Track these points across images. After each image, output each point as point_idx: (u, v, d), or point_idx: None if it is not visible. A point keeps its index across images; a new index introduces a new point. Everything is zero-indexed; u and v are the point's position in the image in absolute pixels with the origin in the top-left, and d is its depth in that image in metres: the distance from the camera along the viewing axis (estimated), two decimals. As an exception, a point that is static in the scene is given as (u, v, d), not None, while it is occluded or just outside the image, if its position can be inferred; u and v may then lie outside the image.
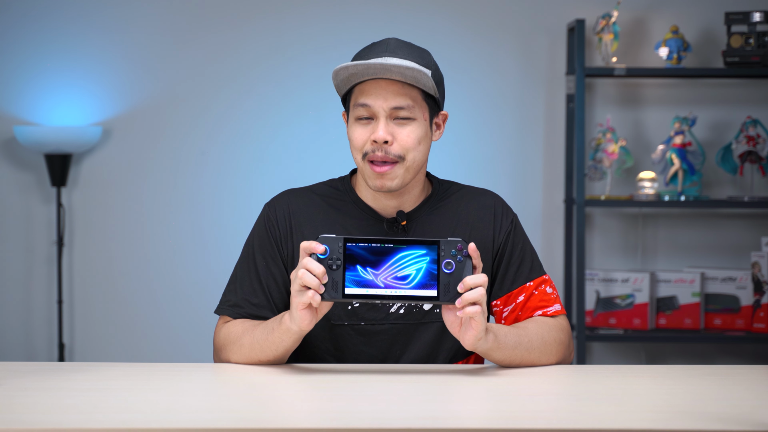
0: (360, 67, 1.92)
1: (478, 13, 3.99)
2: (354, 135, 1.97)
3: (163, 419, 1.51)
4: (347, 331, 2.01)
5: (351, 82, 1.96)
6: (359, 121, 1.96)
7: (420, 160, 1.97)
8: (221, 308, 2.02)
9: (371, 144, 1.94)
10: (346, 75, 1.94)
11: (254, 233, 2.05)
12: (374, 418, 1.53)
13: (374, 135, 1.93)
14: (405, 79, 1.92)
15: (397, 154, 1.94)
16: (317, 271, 1.74)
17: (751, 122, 3.82)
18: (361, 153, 1.96)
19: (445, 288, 1.75)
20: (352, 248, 1.75)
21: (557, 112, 4.00)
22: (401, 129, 1.95)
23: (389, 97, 1.93)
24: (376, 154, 1.94)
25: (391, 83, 1.93)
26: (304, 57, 3.98)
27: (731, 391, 1.74)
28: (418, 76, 1.92)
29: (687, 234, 4.03)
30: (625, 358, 4.05)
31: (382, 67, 1.91)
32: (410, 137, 1.95)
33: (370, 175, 1.96)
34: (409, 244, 1.76)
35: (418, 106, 1.96)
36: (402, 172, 1.95)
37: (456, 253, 1.75)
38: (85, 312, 4.02)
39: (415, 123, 1.95)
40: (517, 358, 1.89)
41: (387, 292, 1.75)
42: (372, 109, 1.94)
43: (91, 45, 3.99)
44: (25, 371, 1.83)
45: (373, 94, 1.94)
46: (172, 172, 4.01)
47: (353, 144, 1.97)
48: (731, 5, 3.86)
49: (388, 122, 1.94)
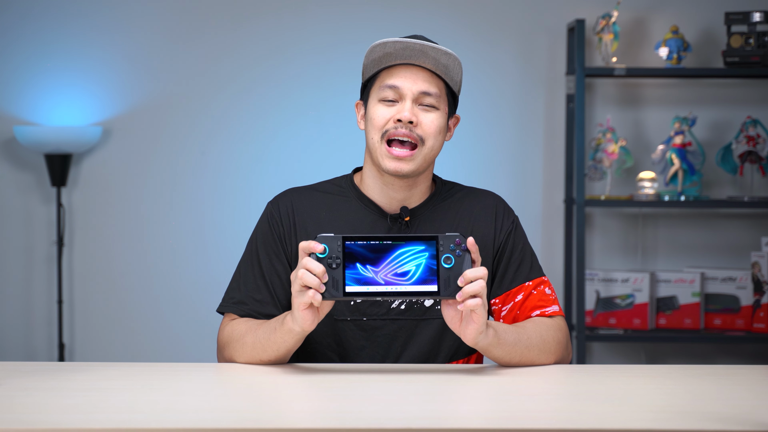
0: (398, 46, 1.95)
1: (478, 13, 3.99)
2: (376, 113, 1.98)
3: (163, 419, 1.51)
4: (349, 327, 2.01)
5: (382, 64, 1.98)
6: (383, 102, 1.98)
7: (436, 149, 2.00)
8: (225, 305, 2.02)
9: (394, 122, 1.96)
10: (382, 54, 1.96)
11: (257, 230, 2.06)
12: (374, 418, 1.53)
13: (400, 114, 1.96)
14: (437, 67, 1.96)
15: (420, 135, 1.96)
16: (317, 270, 1.74)
17: (751, 122, 3.82)
18: (380, 132, 1.97)
19: (445, 282, 1.75)
20: (351, 246, 1.75)
21: (557, 112, 4.00)
22: (426, 114, 1.98)
23: (419, 81, 1.97)
24: (398, 131, 1.96)
25: (421, 70, 1.97)
26: (304, 57, 3.99)
27: (731, 391, 1.74)
28: (450, 65, 1.97)
29: (687, 234, 4.03)
30: (625, 358, 4.05)
31: (421, 48, 1.94)
32: (433, 124, 1.98)
33: (385, 156, 1.97)
34: (407, 241, 1.76)
35: (443, 99, 2.00)
36: (420, 158, 1.97)
37: (455, 248, 1.76)
38: (85, 312, 4.02)
39: (438, 113, 1.99)
40: (517, 355, 1.89)
41: (387, 289, 1.75)
42: (400, 90, 1.96)
43: (91, 45, 3.99)
44: (25, 371, 1.83)
45: (402, 76, 1.97)
46: (172, 172, 4.01)
47: (374, 122, 1.98)
48: (731, 5, 3.86)
49: (413, 106, 1.96)
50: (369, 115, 1.99)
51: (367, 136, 2.00)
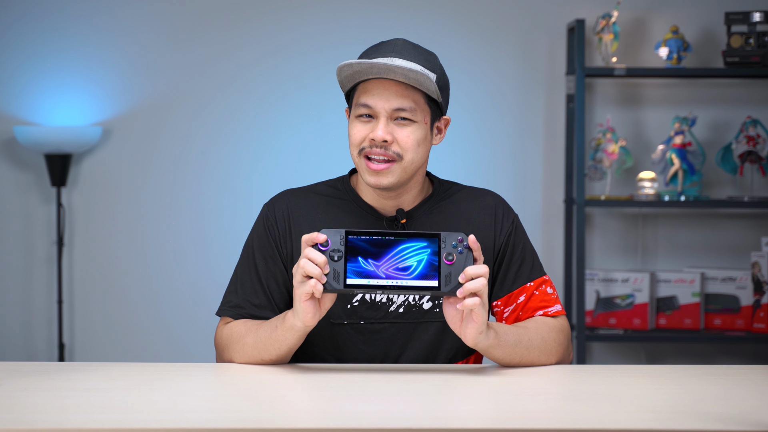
0: (364, 66, 1.92)
1: (478, 13, 3.99)
2: (353, 131, 1.97)
3: (163, 419, 1.51)
4: (347, 330, 2.00)
5: (355, 80, 1.96)
6: (359, 118, 1.96)
7: (418, 162, 1.97)
8: (222, 309, 2.02)
9: (369, 141, 1.95)
10: (350, 72, 1.94)
11: (253, 234, 2.05)
12: (374, 418, 1.53)
13: (373, 134, 1.94)
14: (408, 81, 1.92)
15: (396, 152, 1.94)
16: (319, 260, 1.74)
17: (751, 122, 3.82)
18: (357, 149, 1.97)
19: (446, 279, 1.75)
20: (354, 240, 1.76)
21: (557, 112, 4.00)
22: (401, 129, 1.95)
23: (391, 97, 1.93)
24: (374, 150, 1.94)
25: (395, 84, 1.94)
26: (304, 57, 3.99)
27: (731, 391, 1.74)
28: (421, 80, 1.92)
29: (687, 234, 4.03)
30: (625, 358, 4.05)
31: (386, 67, 1.91)
32: (409, 138, 1.95)
33: (365, 171, 1.97)
34: (410, 237, 1.77)
35: (420, 109, 1.96)
36: (399, 171, 1.95)
37: (457, 245, 1.76)
38: (85, 312, 4.02)
39: (415, 125, 1.96)
40: (517, 356, 1.89)
41: (388, 283, 1.75)
42: (373, 109, 1.94)
43: (91, 45, 3.99)
44: (25, 371, 1.82)
45: (375, 94, 1.94)
46: (172, 172, 4.01)
47: (351, 139, 1.97)
48: (731, 5, 3.86)
49: (388, 122, 1.94)
50: (348, 131, 1.98)
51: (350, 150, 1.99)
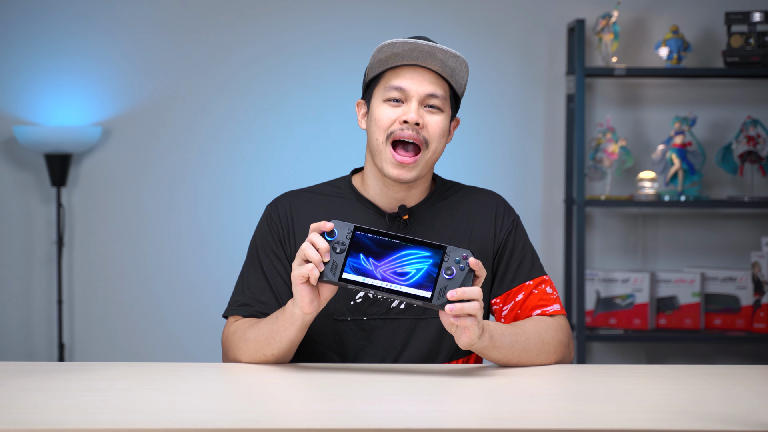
0: (407, 47, 1.94)
1: (478, 13, 3.99)
2: (381, 114, 1.97)
3: (163, 419, 1.51)
4: (349, 327, 2.01)
5: (388, 64, 1.97)
6: (388, 102, 1.97)
7: (438, 153, 1.99)
8: (230, 309, 2.03)
9: (400, 124, 1.95)
10: (389, 54, 1.95)
11: (257, 234, 2.06)
12: (374, 418, 1.53)
13: (406, 115, 1.94)
14: (443, 69, 1.96)
15: (425, 137, 1.95)
16: (321, 245, 1.74)
17: (751, 122, 3.82)
18: (385, 133, 1.96)
19: (440, 292, 1.74)
20: (360, 237, 1.76)
21: (557, 112, 4.00)
22: (431, 116, 1.97)
23: (425, 83, 1.96)
24: (405, 132, 1.95)
25: (427, 72, 1.96)
26: (304, 57, 3.99)
27: (731, 391, 1.74)
28: (457, 67, 1.96)
29: (687, 234, 4.03)
30: (625, 358, 4.05)
31: (429, 49, 1.93)
32: (438, 126, 1.97)
33: (389, 161, 1.96)
34: (416, 244, 1.76)
35: (447, 101, 1.99)
36: (422, 164, 1.97)
37: (460, 261, 1.75)
38: (85, 312, 4.02)
39: (443, 115, 1.99)
40: (514, 357, 1.89)
41: (382, 285, 1.74)
42: (406, 92, 1.96)
43: (91, 45, 3.99)
44: (25, 371, 1.83)
45: (408, 78, 1.96)
46: (172, 172, 4.01)
47: (379, 123, 1.97)
48: (731, 5, 3.86)
49: (419, 107, 1.96)
50: (373, 116, 1.98)
51: (371, 137, 1.99)
